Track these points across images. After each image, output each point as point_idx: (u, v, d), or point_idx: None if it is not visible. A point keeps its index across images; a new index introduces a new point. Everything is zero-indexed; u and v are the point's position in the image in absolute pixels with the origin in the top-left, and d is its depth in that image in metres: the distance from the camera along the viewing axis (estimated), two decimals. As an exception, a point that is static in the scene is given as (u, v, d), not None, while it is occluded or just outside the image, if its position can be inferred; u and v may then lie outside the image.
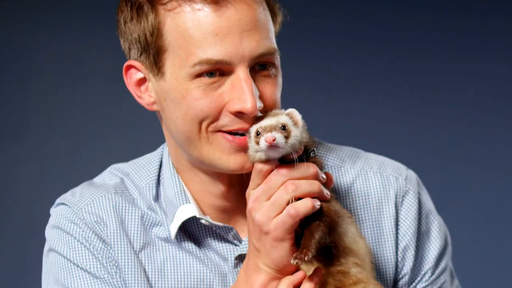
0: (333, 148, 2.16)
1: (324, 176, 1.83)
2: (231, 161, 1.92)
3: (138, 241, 2.04)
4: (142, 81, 2.01)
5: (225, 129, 1.91)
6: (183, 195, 2.03)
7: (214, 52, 1.87)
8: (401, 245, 2.07)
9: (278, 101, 1.94)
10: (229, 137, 1.91)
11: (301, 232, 1.81)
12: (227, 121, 1.90)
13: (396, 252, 2.07)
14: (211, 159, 1.93)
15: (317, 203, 1.78)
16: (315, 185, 1.79)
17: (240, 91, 1.87)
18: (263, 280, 1.86)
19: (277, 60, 1.94)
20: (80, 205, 2.07)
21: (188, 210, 2.02)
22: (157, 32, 1.92)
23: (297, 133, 1.76)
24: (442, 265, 2.11)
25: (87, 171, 3.84)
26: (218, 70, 1.88)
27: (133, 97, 2.06)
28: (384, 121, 4.40)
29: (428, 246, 2.10)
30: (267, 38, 1.90)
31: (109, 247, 2.03)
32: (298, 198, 1.79)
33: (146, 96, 2.02)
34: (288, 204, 1.77)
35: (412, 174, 2.14)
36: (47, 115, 4.29)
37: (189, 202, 2.03)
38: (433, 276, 2.10)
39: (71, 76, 4.30)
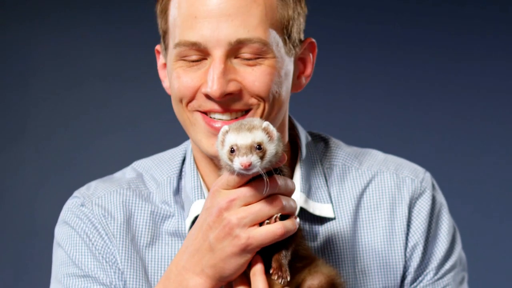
0: (352, 150, 2.19)
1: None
2: (210, 146, 1.95)
3: (145, 236, 2.06)
4: (164, 66, 2.08)
5: (201, 109, 1.95)
6: (199, 190, 2.06)
7: (191, 34, 1.91)
8: (410, 244, 2.10)
9: (266, 89, 1.92)
10: (207, 118, 1.94)
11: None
12: (201, 101, 1.94)
13: (405, 251, 2.10)
14: (197, 141, 1.98)
15: (297, 221, 1.77)
16: (295, 203, 1.78)
17: (209, 75, 1.89)
18: (200, 287, 1.80)
19: (268, 51, 1.92)
20: (91, 198, 2.09)
21: (201, 206, 2.01)
22: (163, 15, 1.99)
23: (272, 150, 1.73)
24: (447, 267, 2.13)
25: (88, 172, 3.86)
26: (197, 53, 1.92)
27: (134, 98, 2.11)
28: (385, 120, 4.39)
29: (435, 247, 2.13)
30: (253, 27, 1.90)
31: (109, 243, 2.04)
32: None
33: (166, 80, 2.08)
34: (268, 218, 1.74)
35: (429, 177, 2.16)
36: (47, 116, 4.29)
37: (204, 198, 2.04)
38: (436, 277, 2.12)
39: (71, 77, 4.30)
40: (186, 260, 1.81)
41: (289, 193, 1.79)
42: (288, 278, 1.75)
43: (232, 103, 1.92)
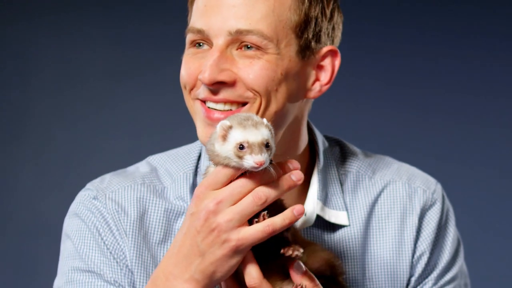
0: (366, 158, 2.21)
1: (295, 167, 1.77)
2: (204, 136, 1.94)
3: (157, 233, 2.04)
4: None
5: (200, 97, 1.95)
6: None
7: (198, 21, 1.93)
8: (416, 254, 2.13)
9: (261, 83, 1.91)
10: (205, 108, 1.94)
11: None
12: (200, 89, 1.94)
13: (412, 260, 2.13)
14: (196, 128, 1.97)
15: (297, 212, 1.74)
16: (282, 188, 1.74)
17: (205, 62, 1.91)
18: None
19: (268, 46, 1.92)
20: (105, 192, 2.07)
21: None
22: (191, 7, 2.01)
23: (274, 147, 1.74)
24: (446, 278, 2.16)
25: (88, 171, 3.85)
26: (203, 41, 1.94)
27: (134, 98, 2.10)
28: (383, 120, 4.39)
29: (438, 258, 2.16)
30: (256, 19, 1.90)
31: (120, 240, 2.03)
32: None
33: None
34: (258, 215, 1.72)
35: (440, 188, 2.20)
36: (47, 115, 4.29)
37: None
38: (434, 287, 2.15)
39: (71, 76, 4.31)
40: (174, 266, 1.78)
41: (273, 180, 1.75)
42: (301, 250, 1.74)
43: (225, 93, 1.92)
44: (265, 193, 1.72)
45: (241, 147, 1.70)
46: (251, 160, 1.68)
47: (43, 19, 4.31)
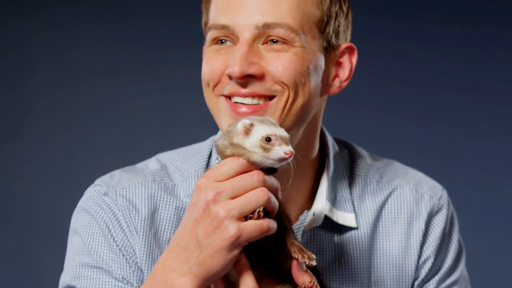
0: (374, 161, 2.23)
1: (281, 194, 1.77)
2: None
3: (168, 231, 2.03)
4: None
5: (225, 93, 1.95)
6: None
7: (221, 17, 1.94)
8: (422, 259, 2.16)
9: (290, 75, 1.92)
10: (231, 103, 1.93)
11: None
12: (225, 84, 1.94)
13: (417, 264, 2.16)
14: (221, 127, 1.96)
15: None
16: (277, 202, 1.75)
17: (232, 56, 1.91)
18: (187, 287, 1.74)
19: (295, 39, 1.93)
20: (115, 188, 2.06)
21: None
22: (206, 8, 2.02)
23: None
24: (448, 282, 2.19)
25: (88, 171, 3.84)
26: (227, 38, 1.94)
27: (134, 97, 2.07)
28: (383, 122, 4.38)
29: (441, 263, 2.18)
30: (282, 13, 1.91)
31: (130, 237, 2.01)
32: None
33: None
34: (253, 211, 1.71)
35: (446, 195, 2.23)
36: (47, 114, 4.28)
37: None
38: None
39: (71, 76, 4.30)
40: (173, 259, 1.76)
41: (274, 190, 1.76)
42: (315, 257, 1.74)
43: (254, 86, 1.92)
44: (268, 192, 1.72)
45: (268, 139, 1.71)
46: (280, 151, 1.69)
47: (44, 18, 4.30)
